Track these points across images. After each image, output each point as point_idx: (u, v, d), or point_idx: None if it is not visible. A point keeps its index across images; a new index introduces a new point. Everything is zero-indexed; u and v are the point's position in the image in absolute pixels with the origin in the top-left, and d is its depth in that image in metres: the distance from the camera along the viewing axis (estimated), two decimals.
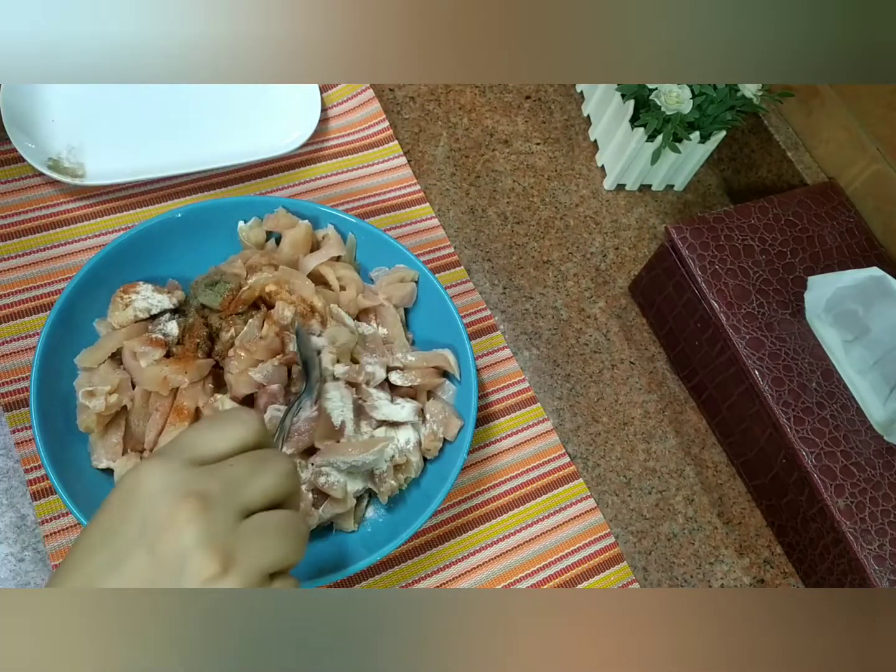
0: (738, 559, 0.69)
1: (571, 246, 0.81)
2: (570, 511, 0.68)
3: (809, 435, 0.64)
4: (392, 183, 0.79)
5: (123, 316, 0.60)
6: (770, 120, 0.89)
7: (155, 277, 0.63)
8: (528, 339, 0.75)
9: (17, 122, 0.69)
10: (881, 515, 0.62)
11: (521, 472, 0.68)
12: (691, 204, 0.86)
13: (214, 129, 0.76)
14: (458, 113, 0.86)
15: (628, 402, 0.74)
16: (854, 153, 0.81)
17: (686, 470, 0.72)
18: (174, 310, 0.62)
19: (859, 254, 0.74)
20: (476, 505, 0.66)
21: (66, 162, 0.70)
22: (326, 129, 0.80)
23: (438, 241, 0.77)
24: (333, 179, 0.78)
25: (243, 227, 0.66)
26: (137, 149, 0.73)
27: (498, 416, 0.70)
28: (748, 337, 0.67)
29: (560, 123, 0.88)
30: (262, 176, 0.76)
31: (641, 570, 0.67)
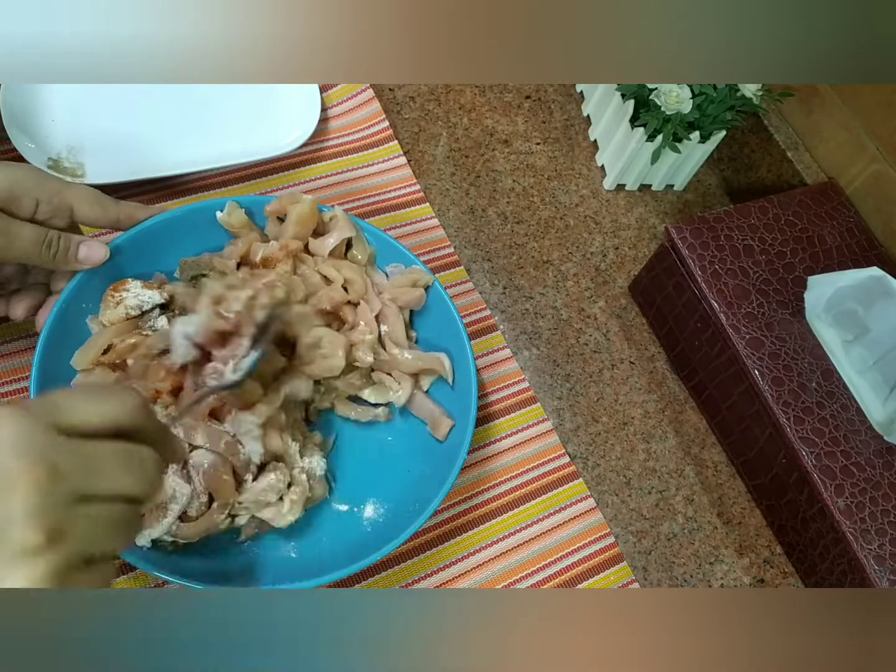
0: (738, 559, 0.69)
1: (571, 246, 0.81)
2: (570, 511, 0.68)
3: (809, 435, 0.64)
4: (392, 183, 0.79)
5: (115, 314, 0.60)
6: (770, 120, 0.89)
7: (152, 276, 0.63)
8: (528, 338, 0.75)
9: (16, 121, 0.69)
10: (881, 515, 0.62)
11: (520, 471, 0.68)
12: (691, 204, 0.86)
13: (214, 129, 0.76)
14: (457, 113, 0.86)
15: (628, 402, 0.74)
16: (854, 153, 0.81)
17: (686, 470, 0.72)
18: (164, 304, 0.62)
19: (859, 254, 0.74)
20: (476, 505, 0.66)
21: (66, 162, 0.70)
22: (326, 129, 0.80)
23: (438, 241, 0.77)
24: (333, 179, 0.78)
25: (222, 215, 0.65)
26: (137, 148, 0.73)
27: (498, 416, 0.70)
28: (748, 337, 0.67)
29: (560, 123, 0.88)
30: (262, 176, 0.76)
31: (641, 569, 0.67)
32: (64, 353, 0.59)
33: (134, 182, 0.71)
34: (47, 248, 0.55)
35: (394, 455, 0.64)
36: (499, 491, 0.67)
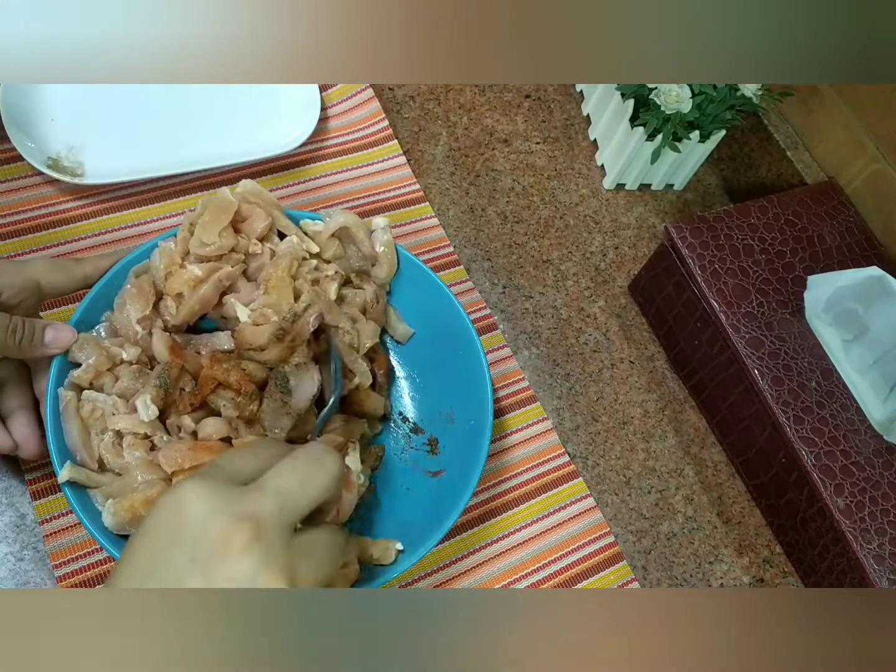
0: (738, 558, 0.69)
1: (571, 245, 0.81)
2: (570, 510, 0.68)
3: (809, 434, 0.64)
4: (391, 182, 0.79)
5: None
6: (770, 119, 0.89)
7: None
8: (528, 338, 0.75)
9: (16, 121, 0.69)
10: (881, 515, 0.62)
11: (520, 471, 0.68)
12: (691, 203, 0.86)
13: (214, 129, 0.76)
14: (457, 112, 0.86)
15: (628, 402, 0.74)
16: (853, 152, 0.81)
17: (685, 469, 0.72)
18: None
19: (859, 253, 0.74)
20: (475, 504, 0.66)
21: (66, 161, 0.70)
22: (326, 129, 0.80)
23: (438, 241, 0.77)
24: (333, 179, 0.78)
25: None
26: (137, 148, 0.73)
27: (497, 416, 0.70)
28: (748, 336, 0.67)
29: (560, 122, 0.88)
30: (261, 175, 0.76)
31: (641, 569, 0.67)
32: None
33: (134, 182, 0.71)
34: (12, 333, 0.51)
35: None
36: (498, 490, 0.67)
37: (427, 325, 0.66)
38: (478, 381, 0.62)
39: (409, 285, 0.66)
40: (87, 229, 0.70)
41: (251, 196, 0.60)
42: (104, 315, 0.58)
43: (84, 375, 0.55)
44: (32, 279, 0.53)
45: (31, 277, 0.53)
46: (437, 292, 0.64)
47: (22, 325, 0.52)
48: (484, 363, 0.62)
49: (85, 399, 0.55)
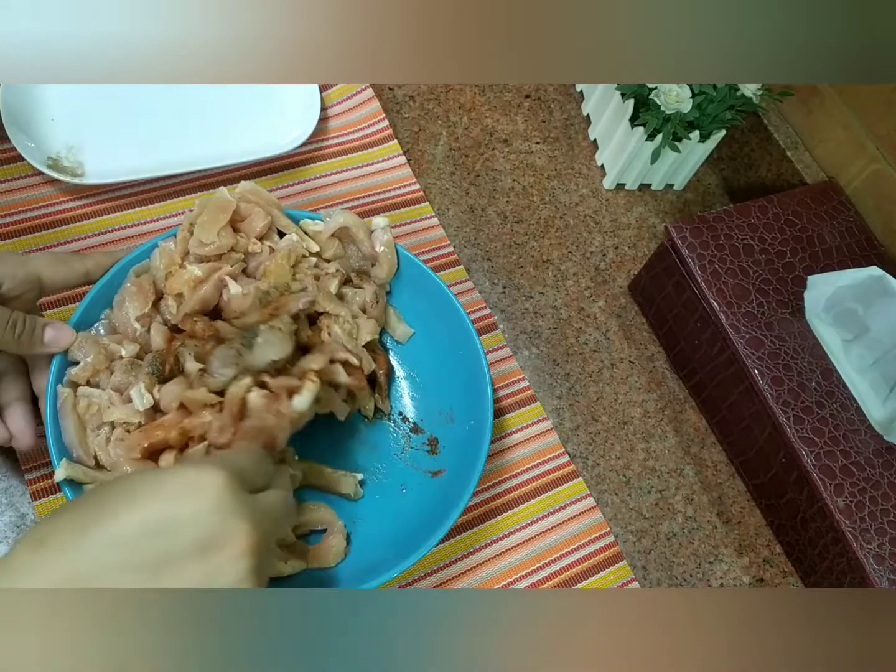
0: (738, 558, 0.69)
1: (571, 245, 0.81)
2: (570, 510, 0.68)
3: (809, 434, 0.64)
4: (391, 182, 0.79)
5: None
6: (770, 119, 0.89)
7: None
8: (528, 338, 0.75)
9: (16, 120, 0.69)
10: (880, 515, 0.62)
11: (520, 471, 0.68)
12: (691, 203, 0.86)
13: (214, 129, 0.76)
14: (457, 112, 0.86)
15: (628, 402, 0.74)
16: (853, 152, 0.81)
17: (685, 469, 0.72)
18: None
19: (859, 253, 0.74)
20: (475, 504, 0.66)
21: (66, 161, 0.70)
22: (326, 129, 0.80)
23: (438, 241, 0.77)
24: (333, 178, 0.78)
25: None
26: (137, 148, 0.73)
27: (497, 416, 0.70)
28: (748, 336, 0.67)
29: (560, 122, 0.88)
30: (261, 175, 0.76)
31: (641, 569, 0.67)
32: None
33: (134, 182, 0.71)
34: (11, 328, 0.52)
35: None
36: (498, 490, 0.67)
37: (427, 325, 0.66)
38: (478, 381, 0.62)
39: (409, 285, 0.66)
40: (87, 229, 0.69)
41: (250, 195, 0.61)
42: (103, 313, 0.58)
43: (82, 373, 0.55)
44: (34, 272, 0.54)
45: (33, 271, 0.54)
46: (437, 292, 0.64)
47: (22, 321, 0.52)
48: (484, 363, 0.62)
49: (81, 395, 0.55)
